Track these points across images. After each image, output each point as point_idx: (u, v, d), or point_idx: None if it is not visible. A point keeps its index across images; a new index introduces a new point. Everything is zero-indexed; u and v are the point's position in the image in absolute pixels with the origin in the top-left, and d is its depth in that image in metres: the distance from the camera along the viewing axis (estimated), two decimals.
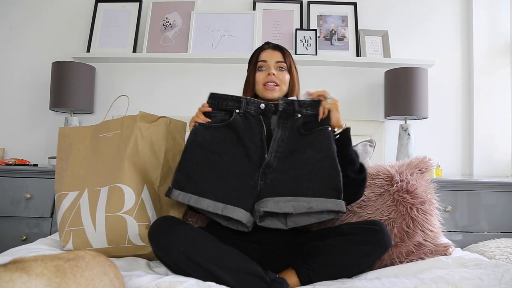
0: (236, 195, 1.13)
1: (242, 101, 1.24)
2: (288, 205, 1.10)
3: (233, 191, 1.14)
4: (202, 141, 1.19)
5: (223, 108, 1.24)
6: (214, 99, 1.25)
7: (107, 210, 1.21)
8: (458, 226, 1.95)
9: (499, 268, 1.10)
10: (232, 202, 1.11)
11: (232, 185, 1.14)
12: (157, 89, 2.41)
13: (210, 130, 1.21)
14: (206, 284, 0.93)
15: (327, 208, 1.10)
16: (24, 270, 0.61)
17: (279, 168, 1.17)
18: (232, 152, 1.18)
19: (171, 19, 2.42)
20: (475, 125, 2.35)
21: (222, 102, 1.24)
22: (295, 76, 1.40)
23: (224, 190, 1.13)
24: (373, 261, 1.19)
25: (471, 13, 2.40)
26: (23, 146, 2.36)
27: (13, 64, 2.43)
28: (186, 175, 1.15)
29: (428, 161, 1.45)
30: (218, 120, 1.23)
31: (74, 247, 1.22)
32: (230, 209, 1.10)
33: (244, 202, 1.13)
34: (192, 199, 1.12)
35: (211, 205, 1.11)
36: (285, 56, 1.38)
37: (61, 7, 2.46)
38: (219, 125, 1.22)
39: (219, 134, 1.20)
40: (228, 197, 1.12)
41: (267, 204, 1.11)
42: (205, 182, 1.14)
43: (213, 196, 1.12)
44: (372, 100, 2.39)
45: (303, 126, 1.22)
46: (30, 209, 1.96)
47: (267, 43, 1.43)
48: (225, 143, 1.19)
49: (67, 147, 1.35)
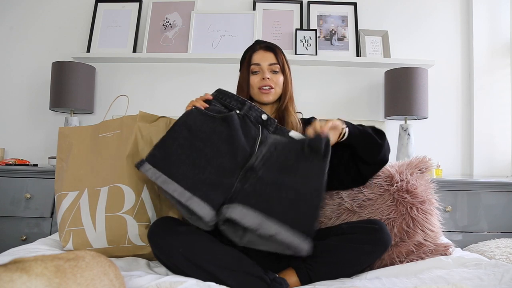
0: (207, 190, 1.05)
1: (246, 104, 1.21)
2: (255, 221, 0.98)
3: (205, 184, 1.05)
4: (192, 124, 1.14)
5: (225, 104, 1.22)
6: (219, 93, 1.24)
7: (107, 210, 1.21)
8: (458, 226, 1.95)
9: (499, 268, 1.10)
10: (200, 195, 1.03)
11: (206, 178, 1.06)
12: (157, 89, 2.41)
13: (204, 116, 1.17)
14: (206, 284, 0.93)
15: (291, 243, 0.96)
16: (24, 270, 0.61)
17: (263, 177, 1.07)
18: (218, 146, 1.12)
19: (171, 19, 2.42)
20: (475, 125, 2.35)
21: (226, 98, 1.23)
22: (288, 75, 1.40)
23: (196, 180, 1.05)
24: (373, 260, 1.19)
25: (471, 13, 2.40)
26: (23, 146, 2.36)
27: (13, 64, 2.43)
28: (164, 153, 1.09)
29: (428, 161, 1.45)
30: (215, 110, 1.20)
31: (74, 247, 1.22)
32: (195, 201, 1.02)
33: (213, 199, 1.04)
34: (161, 178, 1.04)
35: (178, 191, 1.03)
36: (277, 57, 1.37)
37: (61, 7, 2.46)
38: (215, 115, 1.18)
39: (211, 124, 1.16)
40: (197, 188, 1.04)
41: (235, 211, 1.00)
42: (179, 166, 1.07)
43: (183, 183, 1.04)
44: (372, 100, 2.39)
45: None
46: (30, 209, 1.95)
47: (258, 42, 1.43)
48: (214, 134, 1.14)
49: (67, 147, 1.35)
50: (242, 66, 1.42)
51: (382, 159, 1.26)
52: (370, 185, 1.42)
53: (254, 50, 1.39)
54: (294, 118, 1.38)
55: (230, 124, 1.15)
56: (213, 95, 1.24)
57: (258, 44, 1.42)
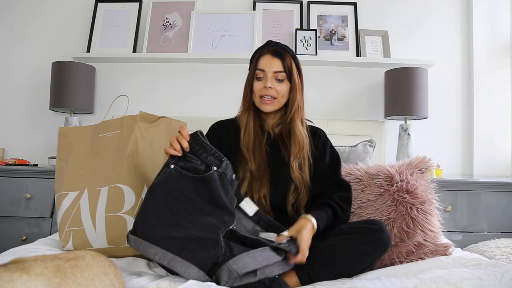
0: (191, 247, 0.97)
1: (223, 162, 1.12)
2: (263, 257, 1.00)
3: (189, 242, 0.98)
4: (172, 188, 1.06)
5: (201, 159, 1.11)
6: (196, 143, 1.11)
7: (107, 210, 1.21)
8: (458, 226, 1.95)
9: (499, 268, 1.10)
10: (184, 255, 0.96)
11: (189, 236, 0.99)
12: (157, 89, 2.41)
13: (184, 178, 1.07)
14: (206, 284, 0.93)
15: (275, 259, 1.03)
16: (24, 270, 0.61)
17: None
18: (202, 206, 1.06)
19: (171, 19, 2.42)
20: (475, 125, 2.35)
21: (203, 152, 1.11)
22: (297, 83, 1.33)
23: (179, 240, 0.97)
24: (373, 260, 1.19)
25: (471, 13, 2.40)
26: (23, 146, 2.36)
27: (13, 64, 2.43)
28: (144, 217, 1.01)
29: (428, 161, 1.46)
30: (191, 168, 1.09)
31: (74, 247, 1.22)
32: (178, 262, 0.95)
33: (199, 256, 0.97)
34: (141, 245, 0.97)
35: (158, 254, 0.95)
36: (284, 64, 1.31)
37: (61, 7, 2.46)
38: (194, 176, 1.08)
39: (192, 185, 1.07)
40: (181, 248, 0.96)
41: (245, 261, 0.98)
42: (161, 228, 0.99)
43: (164, 245, 0.96)
44: (372, 100, 2.39)
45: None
46: (30, 209, 1.96)
47: (268, 43, 1.37)
48: (197, 196, 1.07)
49: (67, 147, 1.35)
50: (250, 65, 1.38)
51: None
52: (370, 185, 1.42)
53: (262, 53, 1.34)
54: (301, 131, 1.32)
55: (211, 186, 1.08)
56: (189, 143, 1.10)
57: (267, 45, 1.35)
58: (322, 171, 1.34)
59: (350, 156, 1.81)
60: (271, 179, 1.29)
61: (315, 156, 1.35)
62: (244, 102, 1.37)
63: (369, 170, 1.47)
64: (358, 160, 1.76)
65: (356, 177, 1.46)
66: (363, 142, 1.88)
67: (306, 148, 1.32)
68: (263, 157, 1.31)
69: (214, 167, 1.10)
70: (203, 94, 2.39)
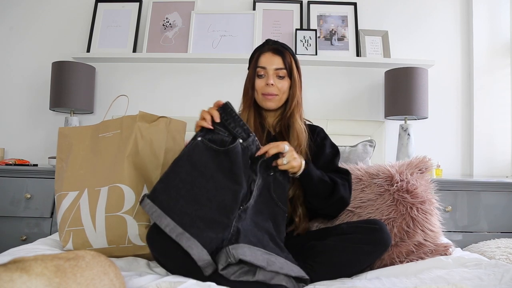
0: (201, 226, 1.00)
1: (250, 136, 1.15)
2: (263, 258, 0.98)
3: (201, 221, 1.01)
4: (196, 160, 1.08)
5: (229, 129, 1.14)
6: (225, 112, 1.14)
7: (107, 210, 1.21)
8: (458, 226, 1.95)
9: (499, 268, 1.10)
10: (192, 232, 0.98)
11: (203, 215, 1.02)
12: (157, 89, 2.41)
13: (209, 151, 1.10)
14: (206, 284, 0.93)
15: (291, 272, 1.00)
16: (24, 270, 0.61)
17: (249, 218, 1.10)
18: (221, 183, 1.08)
19: (171, 19, 2.42)
20: (475, 125, 2.35)
21: (231, 122, 1.14)
22: (297, 79, 1.36)
23: (192, 217, 1.01)
24: (373, 260, 1.19)
25: (471, 13, 2.40)
26: (23, 146, 2.36)
27: (13, 64, 2.43)
28: (164, 186, 1.04)
29: (428, 161, 1.45)
30: (218, 140, 1.12)
31: (74, 247, 1.22)
32: (186, 237, 0.97)
33: (206, 236, 0.99)
34: (156, 213, 1.00)
35: (170, 226, 0.98)
36: (285, 61, 1.33)
37: (61, 7, 2.46)
38: (218, 148, 1.11)
39: (216, 158, 1.10)
40: (191, 225, 0.99)
41: (245, 252, 0.97)
42: (177, 201, 1.02)
43: (177, 218, 0.99)
44: (372, 100, 2.39)
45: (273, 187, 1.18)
46: (30, 209, 1.96)
47: (267, 42, 1.39)
48: (218, 171, 1.09)
49: (67, 147, 1.35)
50: (250, 65, 1.40)
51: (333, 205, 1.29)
52: (370, 185, 1.42)
53: (262, 52, 1.35)
54: (300, 126, 1.34)
55: (233, 159, 1.10)
56: (219, 111, 1.14)
57: (267, 44, 1.37)
58: (321, 161, 1.34)
59: (350, 156, 1.81)
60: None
61: (314, 152, 1.35)
62: (244, 101, 1.38)
63: (369, 170, 1.47)
64: (358, 160, 1.76)
65: (356, 177, 1.46)
66: (363, 142, 1.88)
67: (304, 143, 1.33)
68: None
69: (240, 140, 1.13)
70: (203, 94, 2.39)
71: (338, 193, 1.24)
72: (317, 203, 1.26)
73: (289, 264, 1.02)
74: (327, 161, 1.36)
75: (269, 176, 1.17)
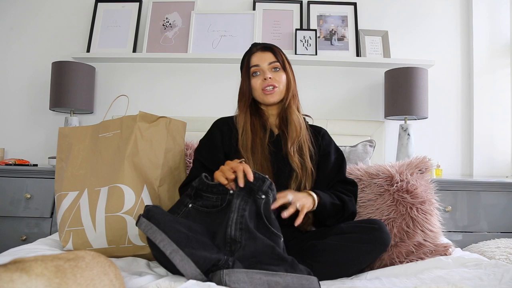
0: (196, 247, 0.97)
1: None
2: (263, 281, 0.92)
3: (196, 242, 0.98)
4: (191, 219, 1.12)
5: (217, 192, 1.15)
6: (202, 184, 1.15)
7: (107, 210, 1.21)
8: (458, 226, 1.95)
9: (499, 268, 1.10)
10: (187, 251, 0.95)
11: (198, 239, 0.99)
12: (157, 89, 2.41)
13: (202, 213, 1.14)
14: (206, 284, 0.93)
15: (301, 285, 0.94)
16: (24, 270, 0.61)
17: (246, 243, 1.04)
18: (216, 222, 1.10)
19: (171, 19, 2.42)
20: (475, 125, 2.35)
21: (217, 187, 1.14)
22: (290, 72, 1.39)
23: (188, 237, 0.98)
24: (373, 259, 1.19)
25: (471, 13, 2.40)
26: (23, 146, 2.36)
27: (13, 64, 2.43)
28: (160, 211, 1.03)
29: (428, 161, 1.45)
30: (210, 205, 1.15)
31: (74, 247, 1.22)
32: (179, 255, 0.94)
33: (199, 255, 0.95)
34: (151, 229, 0.97)
35: (164, 241, 0.95)
36: (276, 55, 1.36)
37: (61, 7, 2.46)
38: (212, 210, 1.14)
39: (212, 216, 1.13)
40: (186, 244, 0.96)
41: (239, 277, 0.92)
42: (174, 222, 1.01)
43: (173, 236, 0.96)
44: (372, 100, 2.39)
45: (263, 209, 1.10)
46: (30, 209, 1.95)
47: (254, 45, 1.41)
48: (215, 220, 1.12)
49: (67, 147, 1.36)
50: (242, 72, 1.41)
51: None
52: (370, 185, 1.42)
53: (251, 53, 1.38)
54: (297, 117, 1.37)
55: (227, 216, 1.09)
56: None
57: (254, 46, 1.40)
58: (327, 170, 1.36)
59: (350, 156, 1.81)
60: (274, 177, 1.29)
61: (320, 155, 1.38)
62: (240, 105, 1.39)
63: (369, 170, 1.47)
64: (358, 160, 1.76)
65: (356, 177, 1.46)
66: (363, 142, 1.88)
67: (304, 134, 1.35)
68: (265, 156, 1.32)
69: (230, 191, 1.13)
70: (203, 94, 2.39)
71: (348, 211, 1.28)
72: (328, 223, 1.28)
73: (297, 278, 0.94)
74: (335, 170, 1.37)
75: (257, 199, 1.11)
